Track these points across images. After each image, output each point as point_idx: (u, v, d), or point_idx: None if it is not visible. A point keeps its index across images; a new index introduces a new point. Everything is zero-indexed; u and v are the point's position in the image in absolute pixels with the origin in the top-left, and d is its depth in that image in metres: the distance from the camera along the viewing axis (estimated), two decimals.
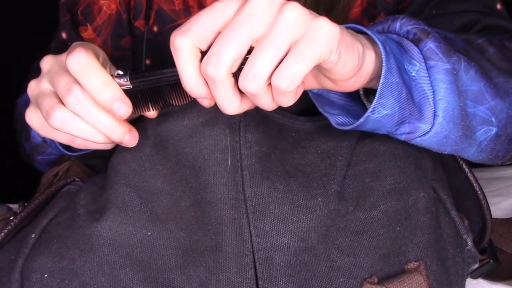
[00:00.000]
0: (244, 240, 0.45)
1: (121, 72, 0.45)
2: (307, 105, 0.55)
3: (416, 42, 0.45)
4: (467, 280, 0.52)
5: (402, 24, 0.46)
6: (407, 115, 0.44)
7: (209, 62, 0.39)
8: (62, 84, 0.45)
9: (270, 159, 0.48)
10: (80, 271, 0.45)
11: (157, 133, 0.50)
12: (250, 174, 0.47)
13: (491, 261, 0.54)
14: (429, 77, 0.44)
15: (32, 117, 0.49)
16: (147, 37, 0.69)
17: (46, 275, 0.46)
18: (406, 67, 0.44)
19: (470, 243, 0.51)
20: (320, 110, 0.48)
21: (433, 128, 0.44)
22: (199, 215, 0.47)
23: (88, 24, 0.70)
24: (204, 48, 0.40)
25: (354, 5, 0.66)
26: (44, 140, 0.59)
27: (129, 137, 0.47)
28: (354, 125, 0.44)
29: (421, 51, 0.44)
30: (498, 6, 0.64)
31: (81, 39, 0.70)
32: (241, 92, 0.41)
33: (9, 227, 0.49)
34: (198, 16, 0.40)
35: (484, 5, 0.63)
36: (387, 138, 0.50)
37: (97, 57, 0.46)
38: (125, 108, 0.44)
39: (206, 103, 0.43)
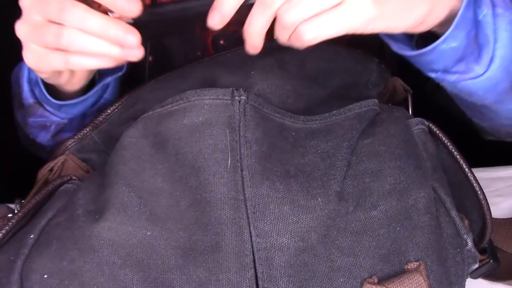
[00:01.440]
0: (244, 240, 0.45)
1: None
2: (307, 104, 0.55)
3: None
4: (467, 280, 0.52)
5: None
6: (469, 54, 0.44)
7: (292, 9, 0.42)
8: (54, 7, 0.45)
9: (270, 159, 0.48)
10: (79, 272, 0.45)
11: (157, 132, 0.50)
12: (250, 174, 0.47)
13: (491, 261, 0.54)
14: (494, 24, 0.44)
15: (28, 55, 0.48)
16: None
17: (45, 276, 0.45)
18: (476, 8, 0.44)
19: (470, 243, 0.51)
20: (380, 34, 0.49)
21: (486, 73, 0.44)
22: (199, 215, 0.47)
23: None
24: None
25: None
26: (36, 101, 0.59)
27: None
28: (419, 51, 0.45)
29: None
30: None
31: None
32: None
33: (7, 227, 0.49)
34: None
35: None
36: (387, 138, 0.50)
37: None
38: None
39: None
